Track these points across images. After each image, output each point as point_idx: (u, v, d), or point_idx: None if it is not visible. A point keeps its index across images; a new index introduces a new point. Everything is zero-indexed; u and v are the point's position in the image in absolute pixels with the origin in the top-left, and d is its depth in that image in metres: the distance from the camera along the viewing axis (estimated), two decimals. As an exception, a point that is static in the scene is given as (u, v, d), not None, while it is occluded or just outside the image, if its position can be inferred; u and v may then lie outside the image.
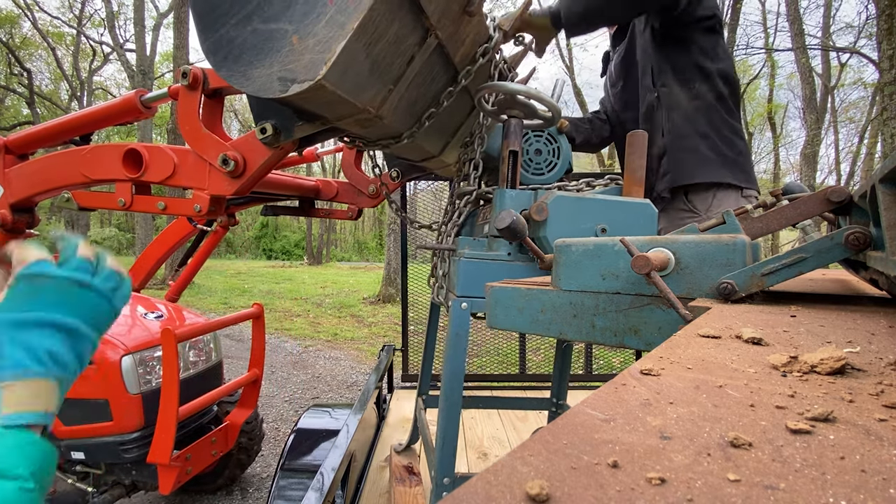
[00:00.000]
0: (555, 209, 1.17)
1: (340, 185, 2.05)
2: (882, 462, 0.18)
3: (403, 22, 0.85)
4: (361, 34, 0.75)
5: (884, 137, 5.57)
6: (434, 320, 2.06)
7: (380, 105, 0.97)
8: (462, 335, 1.21)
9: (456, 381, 1.24)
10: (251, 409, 2.48)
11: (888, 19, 5.26)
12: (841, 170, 18.25)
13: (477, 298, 1.20)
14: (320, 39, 0.74)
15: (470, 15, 1.00)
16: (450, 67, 1.13)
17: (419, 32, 0.92)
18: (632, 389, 0.27)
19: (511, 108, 1.26)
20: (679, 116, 1.78)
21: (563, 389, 2.03)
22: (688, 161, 1.76)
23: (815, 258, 0.51)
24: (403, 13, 0.83)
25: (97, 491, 2.16)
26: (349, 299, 10.76)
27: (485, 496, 0.16)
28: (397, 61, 0.92)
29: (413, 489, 1.84)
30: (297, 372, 5.62)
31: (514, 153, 1.27)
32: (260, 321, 2.41)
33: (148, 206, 1.32)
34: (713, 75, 1.77)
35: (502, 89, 1.19)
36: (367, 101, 0.92)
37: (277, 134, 1.01)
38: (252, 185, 1.17)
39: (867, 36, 14.05)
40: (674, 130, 1.78)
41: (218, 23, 0.81)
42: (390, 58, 0.89)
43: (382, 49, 0.84)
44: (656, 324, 0.58)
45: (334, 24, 0.73)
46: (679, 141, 1.78)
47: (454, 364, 1.23)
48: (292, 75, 0.77)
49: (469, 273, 1.20)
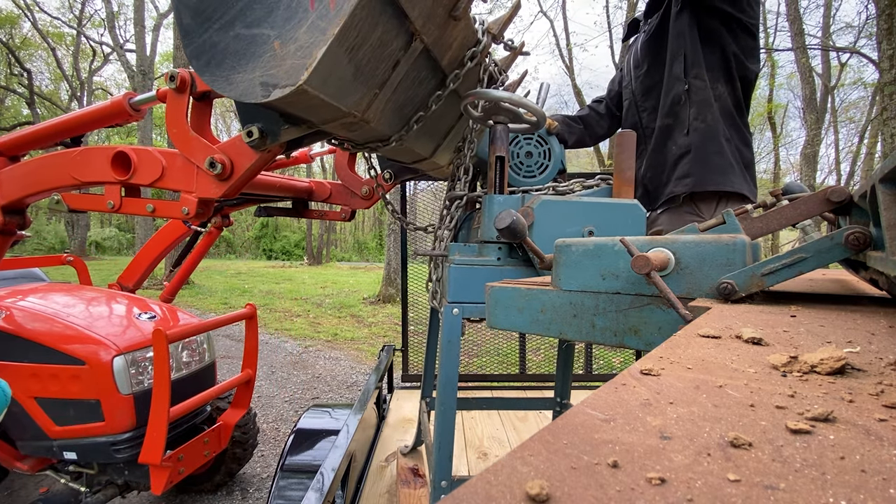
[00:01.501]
0: (541, 213, 1.18)
1: (333, 186, 2.06)
2: (882, 462, 0.18)
3: (387, 27, 0.84)
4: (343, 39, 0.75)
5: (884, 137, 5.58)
6: (435, 324, 2.06)
7: (365, 109, 0.97)
8: (454, 342, 1.22)
9: (450, 386, 1.24)
10: (244, 410, 2.48)
11: (888, 19, 5.26)
12: (841, 170, 18.26)
13: (469, 304, 1.21)
14: (301, 45, 0.74)
15: (456, 19, 1.00)
16: (438, 71, 1.13)
17: (404, 37, 0.91)
18: (632, 389, 0.27)
19: (497, 115, 1.27)
20: (710, 114, 1.63)
21: (566, 389, 2.04)
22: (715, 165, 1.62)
23: (815, 258, 0.51)
24: (386, 18, 0.82)
25: (90, 491, 2.16)
26: (349, 299, 10.76)
27: (485, 496, 0.16)
28: (382, 66, 0.92)
29: (418, 491, 1.85)
30: (297, 372, 5.62)
31: (500, 158, 1.28)
32: (253, 322, 2.41)
33: (137, 208, 1.32)
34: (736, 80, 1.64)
35: (486, 97, 1.19)
36: (352, 106, 0.92)
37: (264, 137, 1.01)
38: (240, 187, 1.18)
39: (867, 36, 14.05)
40: (702, 129, 1.63)
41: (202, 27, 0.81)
42: (374, 62, 0.89)
43: (366, 54, 0.84)
44: (656, 324, 0.58)
45: (315, 30, 0.73)
46: (708, 143, 1.63)
47: (447, 370, 1.24)
48: (274, 80, 0.77)
49: (459, 279, 1.21)
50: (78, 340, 1.99)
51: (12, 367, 1.99)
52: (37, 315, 2.08)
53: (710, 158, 1.62)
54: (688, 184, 1.65)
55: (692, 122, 1.64)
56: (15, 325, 2.02)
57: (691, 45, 1.63)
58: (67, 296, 2.43)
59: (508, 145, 1.30)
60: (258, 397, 4.70)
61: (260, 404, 4.53)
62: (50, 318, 2.07)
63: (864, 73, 18.64)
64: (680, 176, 1.67)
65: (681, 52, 1.65)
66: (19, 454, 2.11)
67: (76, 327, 2.03)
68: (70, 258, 3.15)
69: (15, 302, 2.18)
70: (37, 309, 2.14)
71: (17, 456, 2.11)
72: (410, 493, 1.85)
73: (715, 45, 1.62)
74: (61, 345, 1.96)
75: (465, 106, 1.25)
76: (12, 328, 2.01)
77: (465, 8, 0.98)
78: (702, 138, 1.63)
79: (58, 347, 1.96)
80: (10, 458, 2.09)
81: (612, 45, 14.86)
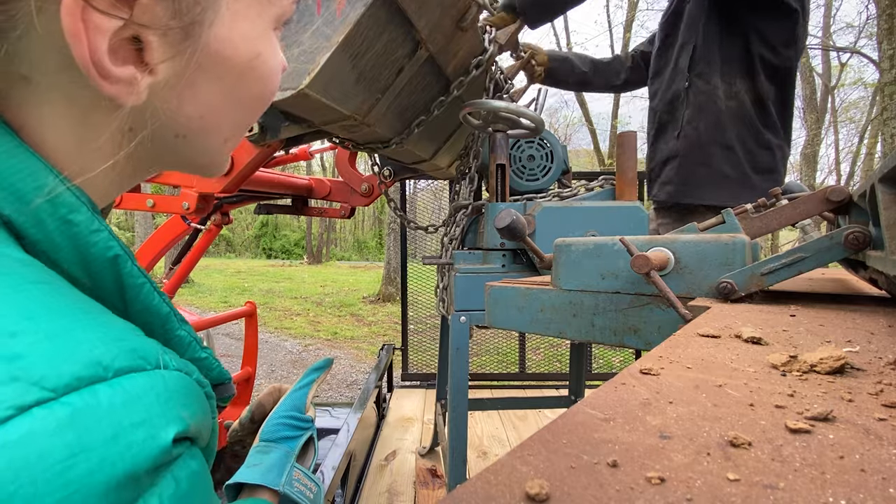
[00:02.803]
0: (542, 220, 1.19)
1: (333, 183, 2.06)
2: (881, 461, 0.18)
3: (392, 35, 0.83)
4: (347, 47, 0.74)
5: (884, 137, 5.57)
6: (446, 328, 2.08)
7: (366, 113, 0.96)
8: (463, 349, 1.24)
9: (461, 393, 1.27)
10: (244, 407, 2.48)
11: (888, 19, 5.25)
12: (841, 170, 18.25)
13: (476, 311, 1.23)
14: (305, 49, 0.74)
15: (463, 30, 0.99)
16: (442, 77, 1.12)
17: (409, 45, 0.91)
18: (631, 389, 0.27)
19: (496, 122, 1.27)
20: (705, 120, 1.48)
21: (580, 386, 2.06)
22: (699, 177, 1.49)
23: (815, 258, 0.51)
24: (393, 27, 0.82)
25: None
26: (349, 298, 10.75)
27: (485, 496, 0.16)
28: (385, 72, 0.91)
29: (436, 492, 1.89)
30: (296, 371, 5.62)
31: (501, 166, 1.28)
32: (252, 319, 2.41)
33: (137, 203, 1.32)
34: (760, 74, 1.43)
35: (484, 107, 1.19)
36: (353, 109, 0.91)
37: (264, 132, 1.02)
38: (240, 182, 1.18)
39: (867, 36, 14.05)
40: (692, 136, 1.50)
41: None
42: (378, 69, 0.88)
43: (370, 61, 0.83)
44: (656, 323, 0.58)
45: (320, 36, 0.73)
46: (695, 151, 1.49)
47: (457, 377, 1.26)
48: None
49: (465, 287, 1.23)
50: (77, 339, 1.98)
51: (12, 365, 1.98)
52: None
53: (693, 169, 1.50)
54: (669, 191, 1.56)
55: (684, 126, 1.52)
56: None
57: (704, 36, 1.47)
58: (67, 294, 2.43)
59: (509, 152, 1.31)
60: (258, 395, 4.70)
61: (259, 403, 4.53)
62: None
63: (864, 73, 18.65)
64: (664, 181, 1.59)
65: (690, 43, 1.50)
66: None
67: (76, 325, 2.03)
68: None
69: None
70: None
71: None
72: (429, 493, 1.88)
73: (735, 34, 1.43)
74: (61, 343, 1.96)
75: (464, 115, 1.25)
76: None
77: (472, 20, 0.98)
78: (689, 146, 1.51)
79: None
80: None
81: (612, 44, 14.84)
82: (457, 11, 0.94)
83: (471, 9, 0.96)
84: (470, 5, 0.95)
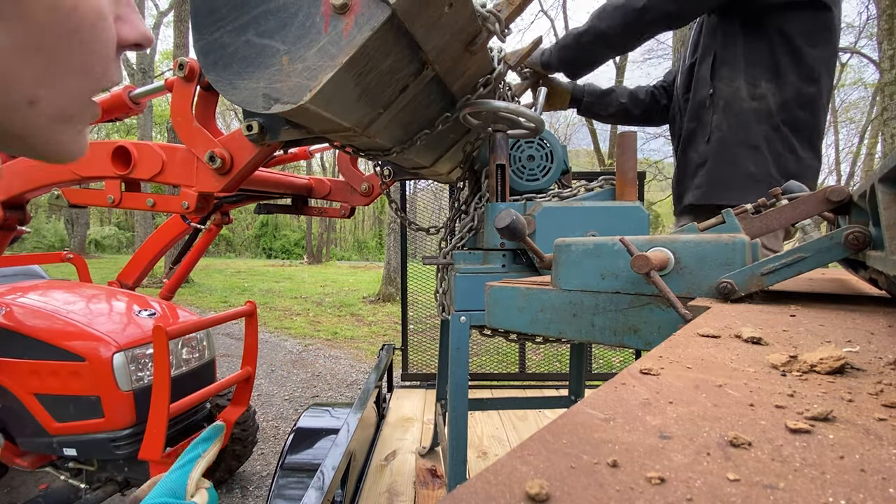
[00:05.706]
0: (542, 220, 1.19)
1: (333, 183, 2.06)
2: (881, 461, 0.18)
3: (398, 56, 0.82)
4: (351, 67, 0.73)
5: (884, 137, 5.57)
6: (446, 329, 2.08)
7: (367, 126, 0.96)
8: (463, 350, 1.24)
9: (461, 393, 1.27)
10: (244, 407, 2.48)
11: (889, 19, 5.25)
12: (841, 170, 18.26)
13: (476, 312, 1.23)
14: (309, 66, 0.73)
15: (472, 54, 0.98)
16: (447, 94, 1.11)
17: (415, 65, 0.89)
18: (631, 389, 0.27)
19: (496, 123, 1.27)
20: (732, 121, 1.47)
21: (580, 386, 2.06)
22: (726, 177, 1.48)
23: (815, 258, 0.51)
24: (399, 49, 0.81)
25: (90, 487, 2.16)
26: (349, 298, 10.76)
27: (484, 496, 0.16)
28: (389, 89, 0.90)
29: (436, 492, 1.89)
30: (296, 370, 5.62)
31: (501, 167, 1.28)
32: (252, 319, 2.41)
33: (137, 202, 1.32)
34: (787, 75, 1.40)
35: (485, 107, 1.19)
36: (354, 122, 0.91)
37: (263, 133, 1.01)
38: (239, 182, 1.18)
39: (868, 36, 14.04)
40: (720, 138, 1.49)
41: (214, 26, 0.80)
42: (382, 87, 0.87)
43: (374, 79, 0.82)
44: (656, 323, 0.58)
45: (325, 55, 0.72)
46: (724, 152, 1.48)
47: (457, 377, 1.26)
48: (277, 94, 0.76)
49: (465, 288, 1.23)
50: (78, 337, 1.99)
51: (12, 363, 1.99)
52: (37, 312, 2.08)
53: (721, 169, 1.49)
54: (697, 195, 1.55)
55: (713, 130, 1.51)
56: (15, 322, 2.02)
57: (722, 42, 1.46)
58: (67, 293, 2.43)
59: (509, 152, 1.31)
60: (258, 395, 4.70)
61: (260, 402, 4.54)
62: (50, 314, 2.07)
63: (864, 74, 18.65)
64: (696, 185, 1.57)
65: (711, 51, 1.50)
66: (19, 451, 2.11)
67: (76, 324, 2.03)
68: (70, 255, 3.15)
69: (15, 299, 2.18)
70: (37, 306, 2.14)
71: (17, 452, 2.12)
72: (429, 493, 1.88)
73: (759, 37, 1.40)
74: (61, 341, 1.96)
75: (464, 116, 1.25)
76: (12, 325, 2.01)
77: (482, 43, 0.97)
78: (718, 147, 1.50)
79: (58, 344, 1.96)
80: (10, 455, 2.09)
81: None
82: (467, 36, 0.93)
83: (481, 34, 0.94)
84: (480, 30, 0.93)
